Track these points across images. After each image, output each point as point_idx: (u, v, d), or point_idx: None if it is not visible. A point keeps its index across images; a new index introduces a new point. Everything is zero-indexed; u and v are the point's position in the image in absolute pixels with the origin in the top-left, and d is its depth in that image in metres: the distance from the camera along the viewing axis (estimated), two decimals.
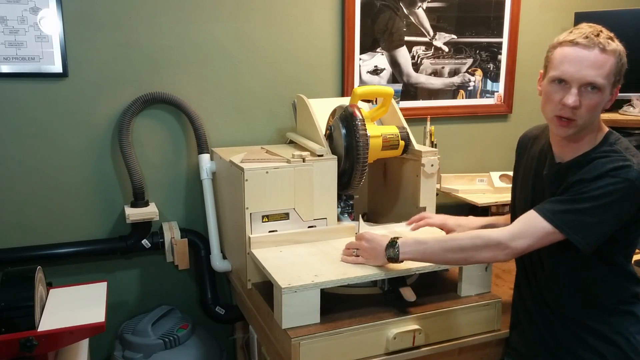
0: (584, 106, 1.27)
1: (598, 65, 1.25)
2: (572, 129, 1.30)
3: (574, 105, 1.26)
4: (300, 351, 1.38)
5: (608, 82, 1.27)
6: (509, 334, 1.60)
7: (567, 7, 2.58)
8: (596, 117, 1.32)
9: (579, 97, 1.27)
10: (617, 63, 1.27)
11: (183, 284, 2.22)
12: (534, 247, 1.31)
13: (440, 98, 2.47)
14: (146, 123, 2.06)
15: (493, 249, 1.32)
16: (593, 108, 1.28)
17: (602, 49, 1.25)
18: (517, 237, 1.31)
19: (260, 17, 2.13)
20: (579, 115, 1.28)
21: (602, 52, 1.25)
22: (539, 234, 1.29)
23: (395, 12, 2.31)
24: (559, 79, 1.29)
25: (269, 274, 1.50)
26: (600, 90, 1.27)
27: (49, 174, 1.97)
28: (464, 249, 1.36)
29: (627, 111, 2.46)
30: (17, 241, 1.95)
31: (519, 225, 1.33)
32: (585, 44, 1.26)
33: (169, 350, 1.94)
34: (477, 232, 1.39)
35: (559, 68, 1.29)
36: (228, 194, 1.89)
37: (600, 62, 1.25)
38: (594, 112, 1.29)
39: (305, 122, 1.90)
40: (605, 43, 1.25)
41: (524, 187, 1.52)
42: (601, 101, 1.29)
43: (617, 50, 1.27)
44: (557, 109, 1.30)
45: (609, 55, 1.26)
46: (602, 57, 1.25)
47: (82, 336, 1.52)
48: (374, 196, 2.14)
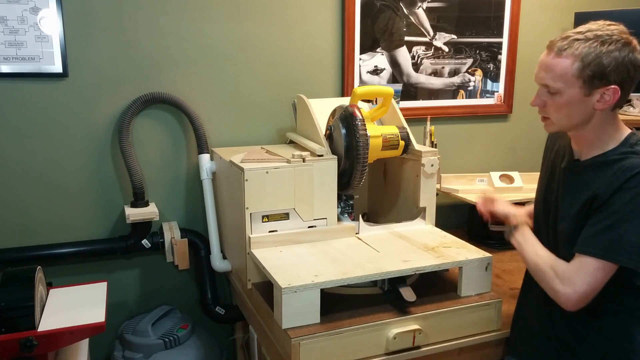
0: (548, 106, 1.34)
1: (550, 68, 1.30)
2: (550, 126, 1.38)
3: (532, 105, 1.36)
4: (300, 351, 1.38)
5: (566, 84, 1.27)
6: (511, 333, 1.60)
7: (567, 7, 2.58)
8: (579, 117, 1.31)
9: (541, 98, 1.34)
10: (579, 66, 1.25)
11: (183, 284, 2.22)
12: (596, 286, 1.29)
13: (440, 98, 2.47)
14: (146, 123, 2.06)
15: (556, 294, 1.33)
16: (558, 108, 1.32)
17: (558, 52, 1.28)
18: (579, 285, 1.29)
19: (260, 17, 2.13)
20: (548, 114, 1.35)
21: (556, 56, 1.28)
22: (595, 273, 1.28)
23: (395, 12, 2.31)
24: None
25: (269, 274, 1.50)
26: (558, 92, 1.29)
27: (49, 174, 1.97)
28: (539, 270, 1.37)
29: (627, 111, 2.46)
30: (17, 241, 1.95)
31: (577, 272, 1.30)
32: (548, 46, 1.32)
33: (169, 350, 1.94)
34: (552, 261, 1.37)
35: None
36: (228, 194, 1.89)
37: (552, 64, 1.29)
38: (563, 112, 1.32)
39: (305, 122, 1.90)
40: (566, 45, 1.26)
41: (542, 180, 1.54)
42: (566, 102, 1.29)
43: (578, 52, 1.24)
44: None
45: (563, 59, 1.27)
46: (554, 60, 1.28)
47: (82, 336, 1.52)
48: (374, 196, 2.14)
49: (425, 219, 1.87)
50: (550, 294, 1.35)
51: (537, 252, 1.41)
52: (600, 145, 1.35)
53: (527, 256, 1.42)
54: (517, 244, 1.47)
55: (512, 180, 2.30)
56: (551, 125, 1.37)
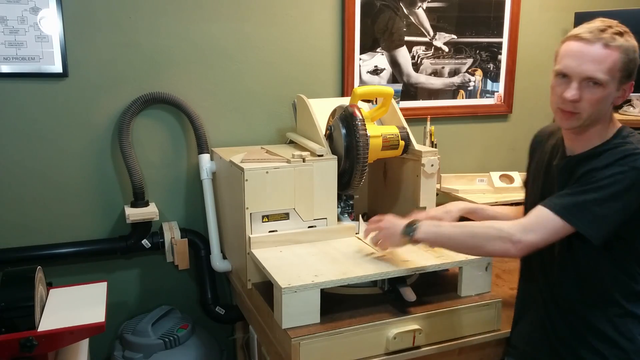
0: (585, 100, 1.28)
1: (599, 60, 1.25)
2: (575, 121, 1.31)
3: (572, 99, 1.28)
4: (300, 351, 1.38)
5: (611, 77, 1.27)
6: (511, 332, 1.60)
7: (567, 7, 2.58)
8: (603, 112, 1.32)
9: (580, 91, 1.28)
10: (623, 59, 1.27)
11: (183, 284, 2.22)
12: (546, 242, 1.30)
13: (440, 98, 2.47)
14: (146, 123, 2.06)
15: (505, 241, 1.31)
16: (596, 102, 1.28)
17: (605, 44, 1.25)
18: (529, 231, 1.30)
19: (260, 17, 2.13)
20: (581, 109, 1.29)
21: (605, 47, 1.25)
22: (549, 227, 1.29)
23: (395, 12, 2.31)
24: (562, 73, 1.30)
25: (269, 274, 1.50)
26: (602, 85, 1.27)
27: (49, 174, 1.97)
28: (476, 236, 1.35)
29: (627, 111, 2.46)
30: (17, 241, 1.95)
31: (530, 219, 1.32)
32: (588, 38, 1.26)
33: (169, 350, 1.94)
34: (491, 222, 1.38)
35: (562, 62, 1.30)
36: (228, 194, 1.89)
37: (602, 57, 1.25)
38: (597, 107, 1.29)
39: (305, 122, 1.90)
40: (610, 38, 1.25)
41: (536, 181, 1.52)
42: (605, 96, 1.28)
43: (623, 45, 1.26)
44: (560, 102, 1.32)
45: (612, 51, 1.25)
46: (604, 52, 1.25)
47: (82, 336, 1.52)
48: (374, 196, 2.14)
49: None
50: (498, 251, 1.33)
51: (464, 227, 1.39)
52: (597, 139, 1.36)
53: (454, 235, 1.38)
54: (428, 234, 1.41)
55: (512, 180, 2.30)
56: (578, 120, 1.31)
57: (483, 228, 1.36)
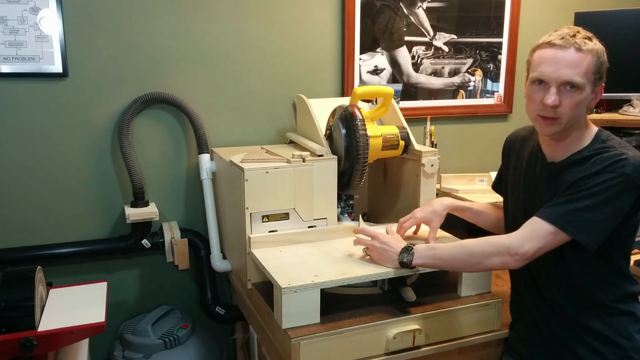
0: (565, 105, 1.30)
1: (574, 64, 1.28)
2: (556, 126, 1.33)
3: (553, 105, 1.30)
4: (300, 351, 1.38)
5: (587, 80, 1.30)
6: (509, 334, 1.61)
7: (567, 7, 2.58)
8: (581, 115, 1.35)
9: (559, 96, 1.30)
10: (596, 62, 1.30)
11: (183, 284, 2.22)
12: (542, 251, 1.32)
13: (440, 98, 2.47)
14: (146, 123, 2.06)
15: (502, 255, 1.33)
16: (575, 106, 1.31)
17: (578, 48, 1.28)
18: (525, 242, 1.31)
19: (260, 17, 2.13)
20: (561, 114, 1.31)
21: (578, 51, 1.28)
22: (544, 237, 1.30)
23: (395, 12, 2.31)
24: (538, 80, 1.33)
25: (269, 274, 1.50)
26: (580, 88, 1.29)
27: (49, 174, 1.97)
28: (474, 255, 1.37)
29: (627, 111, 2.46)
30: (17, 241, 1.95)
31: (525, 231, 1.33)
32: (561, 44, 1.30)
33: (169, 350, 1.94)
34: (486, 238, 1.38)
35: (537, 69, 1.33)
36: (228, 194, 1.89)
37: (577, 61, 1.28)
38: (576, 110, 1.31)
39: (305, 122, 1.90)
40: (582, 42, 1.29)
41: (515, 188, 1.54)
42: (583, 99, 1.31)
43: (594, 49, 1.30)
44: (539, 109, 1.34)
45: (585, 54, 1.29)
46: (578, 55, 1.28)
47: (82, 336, 1.52)
48: (374, 196, 2.14)
49: None
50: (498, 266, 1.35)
51: (461, 247, 1.40)
52: (577, 144, 1.38)
53: (452, 256, 1.40)
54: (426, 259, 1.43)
55: None
56: (558, 126, 1.33)
57: (480, 246, 1.37)
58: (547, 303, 1.45)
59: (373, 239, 1.54)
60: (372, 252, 1.54)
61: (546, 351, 1.47)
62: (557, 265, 1.41)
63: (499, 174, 1.68)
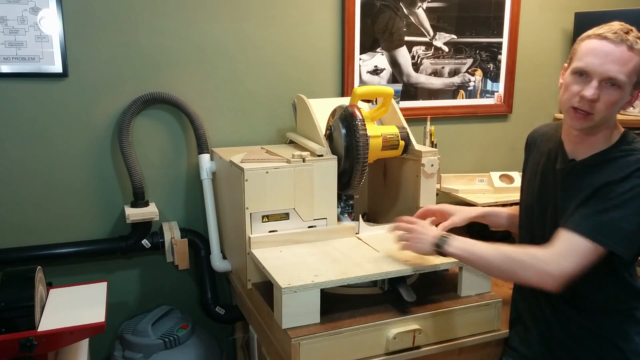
0: (602, 101, 1.26)
1: (623, 61, 1.23)
2: (588, 122, 1.28)
3: (592, 98, 1.25)
4: (300, 351, 1.38)
5: (629, 81, 1.25)
6: (508, 334, 1.60)
7: (567, 7, 2.58)
8: (614, 115, 1.30)
9: (599, 91, 1.25)
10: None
11: (183, 284, 2.22)
12: (582, 269, 1.25)
13: (440, 98, 2.47)
14: (146, 123, 2.06)
15: (540, 273, 1.26)
16: (611, 104, 1.26)
17: (630, 46, 1.23)
18: (562, 259, 1.25)
19: (260, 17, 2.13)
20: (596, 110, 1.26)
21: (629, 50, 1.23)
22: (580, 252, 1.24)
23: (395, 12, 2.31)
24: (581, 71, 1.27)
25: (269, 274, 1.50)
26: (621, 87, 1.25)
27: (49, 174, 1.97)
28: (512, 261, 1.30)
29: (627, 111, 2.46)
30: (17, 241, 1.95)
31: (560, 247, 1.27)
32: (613, 39, 1.24)
33: (169, 350, 1.94)
34: (526, 249, 1.31)
35: (583, 59, 1.27)
36: (228, 194, 1.89)
37: (626, 58, 1.23)
38: (612, 109, 1.27)
39: (305, 122, 1.90)
40: (634, 41, 1.24)
41: (531, 183, 1.51)
42: (620, 98, 1.27)
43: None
44: (574, 101, 1.28)
45: (635, 54, 1.24)
46: (628, 54, 1.23)
47: (82, 336, 1.52)
48: (374, 196, 2.14)
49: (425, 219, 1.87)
50: (533, 281, 1.28)
51: (498, 249, 1.33)
52: (601, 144, 1.34)
53: (487, 255, 1.33)
54: (461, 250, 1.38)
55: (512, 180, 2.30)
56: (591, 121, 1.28)
57: (519, 254, 1.30)
58: (547, 304, 1.45)
59: (412, 223, 1.53)
60: (410, 234, 1.49)
61: (545, 351, 1.47)
62: None
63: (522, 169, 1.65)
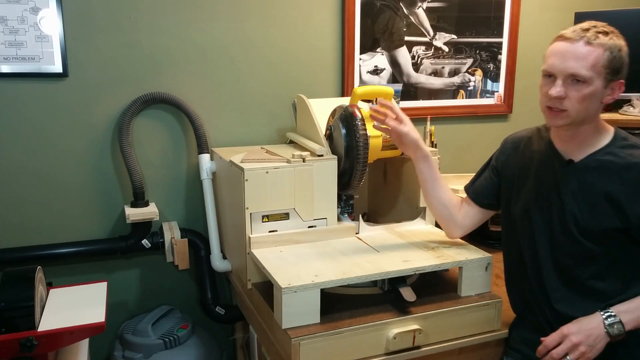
0: (571, 97, 1.30)
1: (582, 56, 1.28)
2: (564, 119, 1.33)
3: (557, 96, 1.30)
4: (300, 351, 1.38)
5: (595, 74, 1.28)
6: (509, 335, 1.60)
7: (567, 7, 2.58)
8: (592, 110, 1.33)
9: (565, 89, 1.30)
10: (608, 56, 1.28)
11: (183, 284, 2.22)
12: None
13: (440, 98, 2.47)
14: (146, 123, 2.06)
15: None
16: (581, 99, 1.30)
17: (587, 41, 1.28)
18: None
19: (260, 17, 2.13)
20: (567, 106, 1.31)
21: (587, 45, 1.28)
22: None
23: (395, 12, 2.31)
24: (547, 73, 1.34)
25: (269, 274, 1.50)
26: (586, 82, 1.29)
27: (49, 174, 1.97)
28: None
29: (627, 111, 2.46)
30: (17, 241, 1.95)
31: None
32: (571, 37, 1.30)
33: (169, 350, 1.94)
34: None
35: (547, 62, 1.34)
36: (228, 194, 1.89)
37: (584, 53, 1.27)
38: (584, 104, 1.30)
39: (305, 122, 1.90)
40: (593, 36, 1.28)
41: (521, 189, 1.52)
42: (591, 93, 1.30)
43: (607, 43, 1.28)
44: (546, 100, 1.34)
45: (595, 47, 1.28)
46: (585, 49, 1.28)
47: (82, 336, 1.52)
48: (374, 196, 2.14)
49: (425, 219, 1.87)
50: None
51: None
52: (594, 142, 1.37)
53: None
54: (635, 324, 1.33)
55: None
56: (565, 118, 1.32)
57: None
58: (550, 304, 1.45)
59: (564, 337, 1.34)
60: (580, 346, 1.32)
61: None
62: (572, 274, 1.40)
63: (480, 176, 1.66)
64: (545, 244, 1.45)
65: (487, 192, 1.62)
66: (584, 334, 1.32)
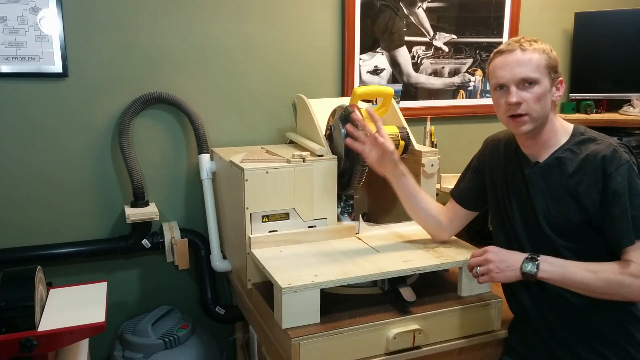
0: (528, 100, 1.37)
1: (524, 62, 1.36)
2: (528, 124, 1.39)
3: (517, 102, 1.37)
4: (300, 351, 1.38)
5: (541, 74, 1.37)
6: (508, 335, 1.60)
7: (567, 7, 2.58)
8: (547, 109, 1.40)
9: (520, 94, 1.37)
10: (546, 58, 1.37)
11: (183, 284, 2.22)
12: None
13: (440, 98, 2.47)
14: (146, 123, 2.06)
15: None
16: (537, 99, 1.37)
17: (523, 49, 1.37)
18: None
19: (260, 17, 2.13)
20: (528, 109, 1.37)
21: (524, 51, 1.37)
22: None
23: (395, 12, 2.31)
24: (499, 85, 1.41)
25: (269, 274, 1.50)
26: (536, 82, 1.36)
27: (49, 174, 1.97)
28: (611, 284, 1.31)
29: (627, 111, 2.46)
30: (17, 241, 1.95)
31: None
32: (507, 49, 1.39)
33: (169, 350, 1.94)
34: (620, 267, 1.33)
35: (495, 76, 1.41)
36: (228, 194, 1.89)
37: (525, 59, 1.37)
38: (540, 103, 1.37)
39: (305, 122, 1.90)
40: (526, 44, 1.38)
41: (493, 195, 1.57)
42: (543, 92, 1.37)
43: (539, 47, 1.38)
44: (506, 111, 1.41)
45: (531, 52, 1.37)
46: (524, 55, 1.37)
47: (82, 336, 1.51)
48: (374, 196, 2.14)
49: None
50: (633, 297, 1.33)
51: (592, 270, 1.33)
52: (554, 142, 1.43)
53: (586, 280, 1.33)
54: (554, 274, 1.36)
55: None
56: (528, 123, 1.39)
57: (614, 274, 1.32)
58: (548, 304, 1.45)
59: (486, 253, 1.43)
60: (490, 264, 1.40)
61: (547, 352, 1.47)
62: None
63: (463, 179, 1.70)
64: (527, 243, 1.48)
65: (472, 194, 1.66)
66: (500, 256, 1.41)
